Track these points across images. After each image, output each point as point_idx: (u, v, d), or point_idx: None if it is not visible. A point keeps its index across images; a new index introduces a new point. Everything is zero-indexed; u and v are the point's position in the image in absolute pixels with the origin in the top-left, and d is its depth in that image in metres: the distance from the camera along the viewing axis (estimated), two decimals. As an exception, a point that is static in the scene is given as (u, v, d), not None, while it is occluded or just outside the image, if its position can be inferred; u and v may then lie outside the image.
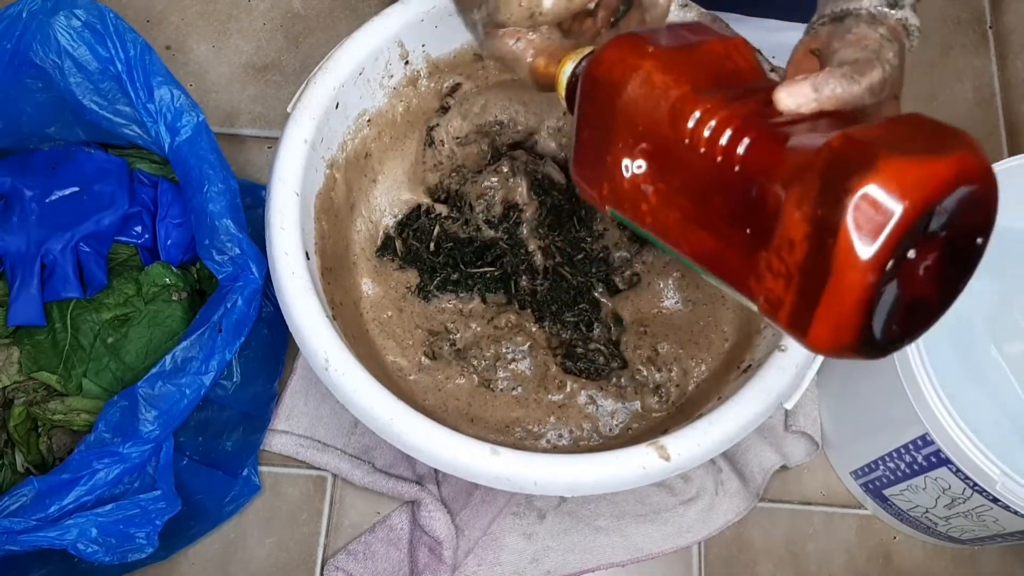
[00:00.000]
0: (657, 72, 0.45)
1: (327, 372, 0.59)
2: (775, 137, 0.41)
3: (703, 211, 0.45)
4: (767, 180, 0.40)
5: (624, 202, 0.48)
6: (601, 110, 0.47)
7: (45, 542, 0.61)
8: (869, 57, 0.44)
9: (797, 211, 0.37)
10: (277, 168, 0.65)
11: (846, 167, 0.36)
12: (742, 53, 0.48)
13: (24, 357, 0.76)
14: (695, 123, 0.43)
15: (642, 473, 0.57)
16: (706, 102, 0.44)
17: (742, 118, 0.42)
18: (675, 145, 0.44)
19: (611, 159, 0.47)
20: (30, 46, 0.69)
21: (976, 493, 0.68)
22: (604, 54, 0.47)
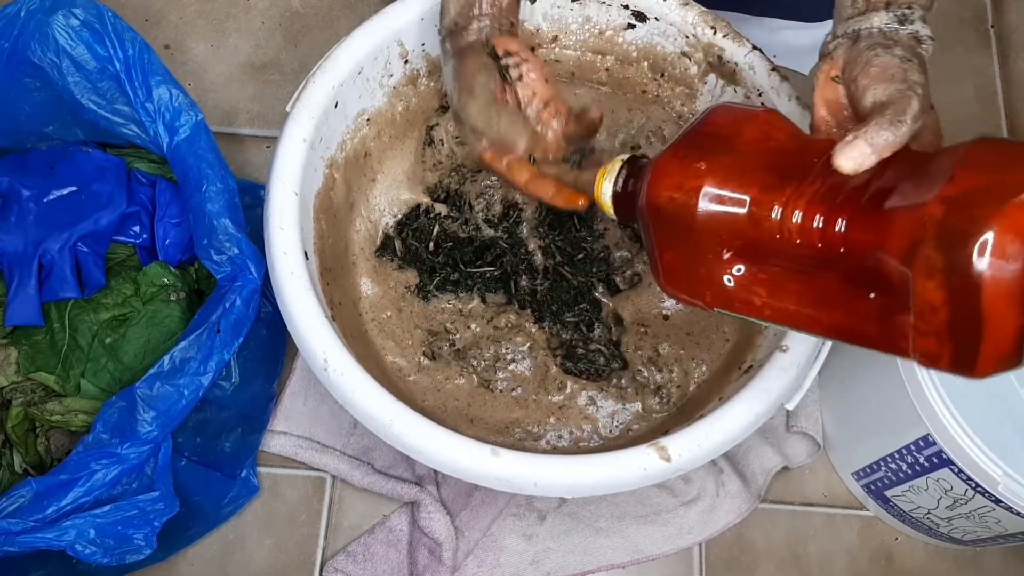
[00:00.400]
0: (720, 185, 0.46)
1: (326, 372, 0.59)
2: (867, 209, 0.42)
3: (819, 290, 0.46)
4: (879, 254, 0.41)
5: (734, 303, 0.49)
6: (678, 233, 0.48)
7: (43, 543, 0.61)
8: (902, 90, 0.46)
9: (929, 282, 0.39)
10: (276, 167, 0.65)
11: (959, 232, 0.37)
12: (775, 125, 0.49)
13: (22, 357, 0.76)
14: (780, 219, 0.45)
15: (643, 474, 0.57)
16: (779, 196, 0.45)
17: (822, 199, 0.44)
18: (768, 243, 0.46)
19: (705, 272, 0.48)
20: (28, 45, 0.69)
21: (978, 494, 0.67)
22: (659, 182, 0.48)
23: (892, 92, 0.46)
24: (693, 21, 0.73)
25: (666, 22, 0.74)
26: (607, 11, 0.75)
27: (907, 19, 0.50)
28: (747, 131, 0.48)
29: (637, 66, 0.78)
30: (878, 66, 0.48)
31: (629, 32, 0.76)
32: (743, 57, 0.71)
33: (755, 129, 0.48)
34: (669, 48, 0.75)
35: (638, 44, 0.76)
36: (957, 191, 0.39)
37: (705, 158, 0.47)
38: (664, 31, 0.74)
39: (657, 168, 0.49)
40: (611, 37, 0.77)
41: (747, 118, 0.49)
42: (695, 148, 0.48)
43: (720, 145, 0.48)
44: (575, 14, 0.76)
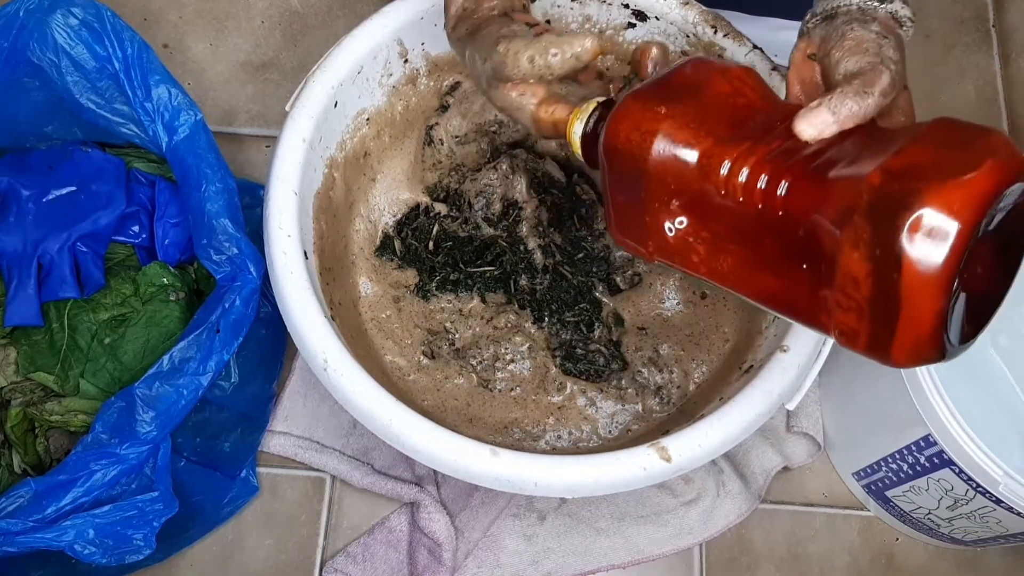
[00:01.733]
0: (675, 132, 0.45)
1: (326, 372, 0.59)
2: (811, 175, 0.41)
3: (755, 254, 0.45)
4: (814, 221, 0.40)
5: (674, 256, 0.49)
6: (629, 176, 0.47)
7: (42, 543, 0.61)
8: (874, 63, 0.45)
9: (855, 252, 0.38)
10: (275, 167, 0.64)
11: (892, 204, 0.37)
12: (748, 83, 0.48)
13: (21, 357, 0.76)
14: (727, 174, 0.44)
15: (643, 474, 0.57)
16: (731, 151, 0.44)
17: (772, 160, 0.43)
18: (712, 197, 0.45)
19: (650, 219, 0.48)
20: (27, 44, 0.69)
21: (979, 494, 0.67)
22: (617, 123, 0.47)
23: (863, 64, 0.45)
24: (694, 20, 0.73)
25: (666, 21, 0.74)
26: (607, 10, 0.75)
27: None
28: (717, 84, 0.47)
29: (637, 66, 0.78)
30: (852, 39, 0.47)
31: (630, 31, 0.76)
32: (743, 57, 0.71)
33: (725, 84, 0.47)
34: (669, 48, 0.75)
35: (638, 44, 0.76)
36: (901, 163, 0.38)
37: (667, 103, 0.46)
38: (665, 30, 0.74)
39: (618, 109, 0.48)
40: (611, 36, 0.77)
41: (721, 72, 0.48)
42: (660, 94, 0.47)
43: (686, 94, 0.47)
44: (575, 13, 0.75)
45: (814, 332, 0.59)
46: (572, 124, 0.52)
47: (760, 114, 0.46)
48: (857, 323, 0.40)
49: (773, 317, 0.67)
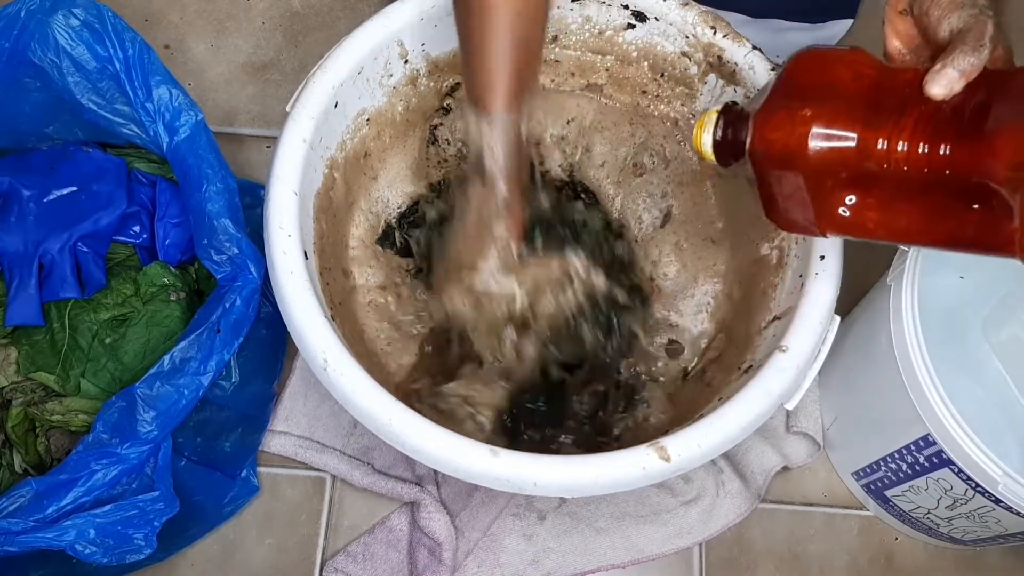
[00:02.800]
0: (826, 128, 0.49)
1: (326, 372, 0.59)
2: (967, 133, 0.46)
3: (928, 209, 0.50)
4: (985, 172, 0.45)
5: (848, 229, 0.54)
6: (789, 175, 0.52)
7: (43, 543, 0.61)
8: (975, 15, 0.49)
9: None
10: (276, 167, 0.64)
11: None
12: (862, 62, 0.52)
13: (22, 357, 0.76)
14: (886, 151, 0.49)
15: (642, 474, 0.57)
16: (882, 129, 0.49)
17: (923, 127, 0.48)
18: (877, 173, 0.50)
19: (818, 205, 0.53)
20: (28, 45, 0.69)
21: (978, 494, 0.67)
22: (768, 133, 0.52)
23: (967, 19, 0.49)
24: (693, 21, 0.73)
25: (666, 22, 0.74)
26: (607, 11, 0.75)
27: None
28: (840, 72, 0.51)
29: (637, 66, 0.78)
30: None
31: (629, 32, 0.76)
32: (743, 57, 0.71)
33: (846, 69, 0.51)
34: (669, 48, 0.75)
35: (638, 44, 0.76)
36: None
37: (808, 104, 0.50)
38: (664, 31, 0.74)
39: (762, 119, 0.52)
40: (611, 37, 0.77)
41: (837, 59, 0.52)
42: (795, 96, 0.51)
43: (817, 90, 0.51)
44: (575, 14, 0.76)
45: (814, 332, 0.62)
46: (699, 136, 0.57)
47: (886, 86, 0.50)
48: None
49: (772, 317, 0.68)
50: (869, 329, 0.75)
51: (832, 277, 0.64)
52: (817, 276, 0.64)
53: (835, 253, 0.64)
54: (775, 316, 0.67)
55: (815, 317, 0.62)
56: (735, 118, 0.56)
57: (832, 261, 0.64)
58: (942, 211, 0.49)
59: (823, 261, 0.64)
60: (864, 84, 0.51)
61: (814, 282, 0.64)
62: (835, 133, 0.49)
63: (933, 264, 0.71)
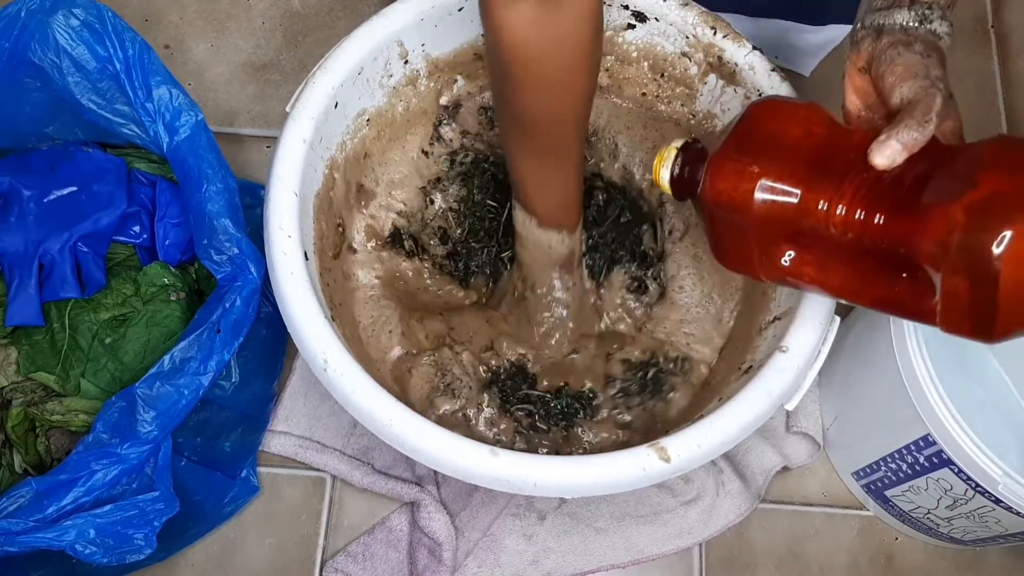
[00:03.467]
0: (770, 186, 0.52)
1: (326, 373, 0.59)
2: (902, 206, 0.48)
3: (860, 271, 0.52)
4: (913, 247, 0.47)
5: (785, 279, 0.56)
6: (734, 224, 0.54)
7: (43, 543, 0.61)
8: (926, 87, 0.50)
9: (954, 277, 0.45)
10: (276, 168, 0.64)
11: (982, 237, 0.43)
12: (815, 120, 0.54)
13: (22, 357, 0.76)
14: (826, 212, 0.51)
15: (642, 474, 0.57)
16: (824, 191, 0.51)
17: (862, 195, 0.50)
18: (816, 232, 0.52)
19: (759, 255, 0.55)
20: (28, 45, 0.69)
21: (978, 494, 0.67)
22: (716, 184, 0.54)
23: (917, 90, 0.51)
24: (693, 21, 0.73)
25: (666, 22, 0.74)
26: (607, 11, 0.75)
27: (927, 19, 0.54)
28: (790, 129, 0.54)
29: (637, 66, 0.78)
30: (901, 64, 0.52)
31: (629, 32, 0.76)
32: (743, 57, 0.71)
33: (797, 127, 0.54)
34: (669, 48, 0.75)
35: (638, 44, 0.76)
36: (978, 197, 0.44)
37: (756, 161, 0.53)
38: (664, 31, 0.74)
39: (713, 169, 0.54)
40: (611, 37, 0.77)
41: (789, 115, 0.54)
42: (746, 150, 0.54)
43: (767, 145, 0.53)
44: (575, 14, 0.76)
45: (814, 333, 0.62)
46: (658, 170, 0.60)
47: (834, 147, 0.53)
48: (960, 322, 0.47)
49: (772, 318, 0.68)
50: (869, 330, 0.75)
51: (832, 277, 0.64)
52: (817, 276, 0.64)
53: (835, 253, 0.65)
54: (775, 316, 0.67)
55: (815, 318, 0.62)
56: (693, 157, 0.59)
57: (832, 261, 0.64)
58: (873, 276, 0.52)
59: (823, 261, 0.64)
60: (813, 143, 0.53)
61: (814, 282, 0.64)
62: (779, 191, 0.52)
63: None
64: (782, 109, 0.55)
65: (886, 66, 0.53)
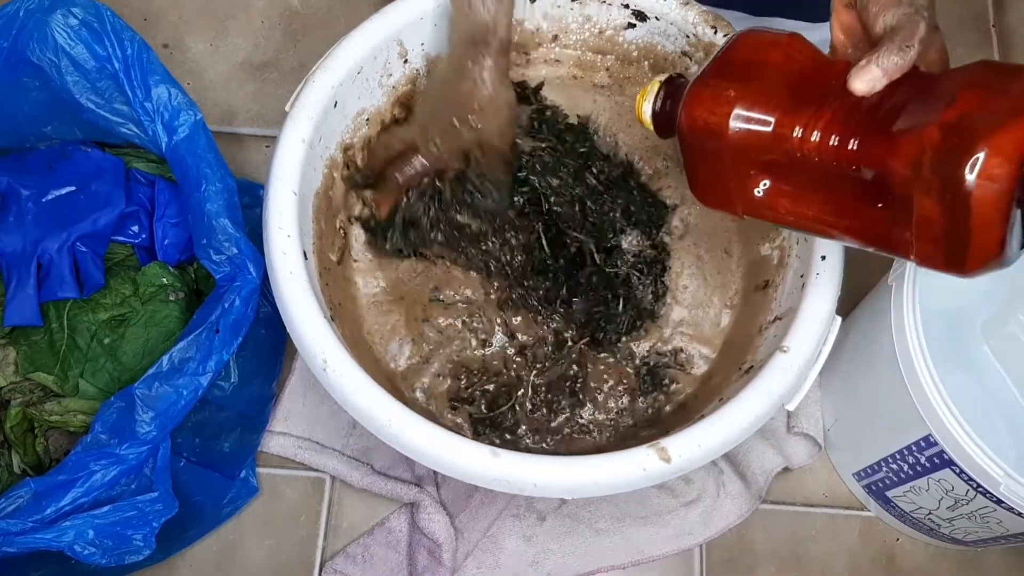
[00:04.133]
0: (746, 110, 0.51)
1: (325, 373, 0.59)
2: (877, 130, 0.47)
3: (835, 200, 0.51)
4: (886, 171, 0.46)
5: (761, 212, 0.55)
6: (710, 152, 0.53)
7: (42, 544, 0.61)
8: (909, 14, 0.49)
9: (927, 199, 0.44)
10: (275, 168, 0.64)
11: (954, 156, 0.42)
12: (797, 48, 0.53)
13: (21, 358, 0.75)
14: (800, 138, 0.50)
15: (643, 475, 0.57)
16: (800, 117, 0.50)
17: (838, 120, 0.49)
18: (791, 159, 0.51)
19: (735, 185, 0.54)
20: (27, 44, 0.69)
21: (979, 495, 0.67)
22: (692, 109, 0.53)
23: (900, 16, 0.49)
24: (694, 20, 0.72)
25: (667, 21, 0.73)
26: (607, 10, 0.75)
27: None
28: (772, 56, 0.53)
29: (638, 66, 0.78)
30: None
31: (629, 31, 0.76)
32: (744, 56, 0.71)
33: (779, 54, 0.53)
34: (670, 48, 0.75)
35: (638, 44, 0.76)
36: (954, 116, 0.43)
37: (734, 85, 0.51)
38: (665, 30, 0.74)
39: (690, 96, 0.53)
40: (611, 36, 0.76)
41: (773, 43, 0.53)
42: (724, 75, 0.53)
43: (747, 71, 0.52)
44: (575, 13, 0.75)
45: (814, 333, 0.62)
46: (640, 105, 0.59)
47: (814, 75, 0.52)
48: (934, 251, 0.46)
49: (773, 317, 0.67)
50: (870, 330, 0.75)
51: (833, 277, 0.64)
52: (818, 276, 0.64)
53: (836, 253, 0.64)
54: (776, 316, 0.67)
55: (816, 317, 0.62)
56: (675, 90, 0.58)
57: (833, 261, 0.64)
58: (849, 206, 0.50)
59: (824, 261, 0.64)
60: (793, 70, 0.52)
61: (815, 282, 0.64)
62: (755, 116, 0.51)
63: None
64: (765, 37, 0.54)
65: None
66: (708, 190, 0.56)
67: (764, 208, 0.54)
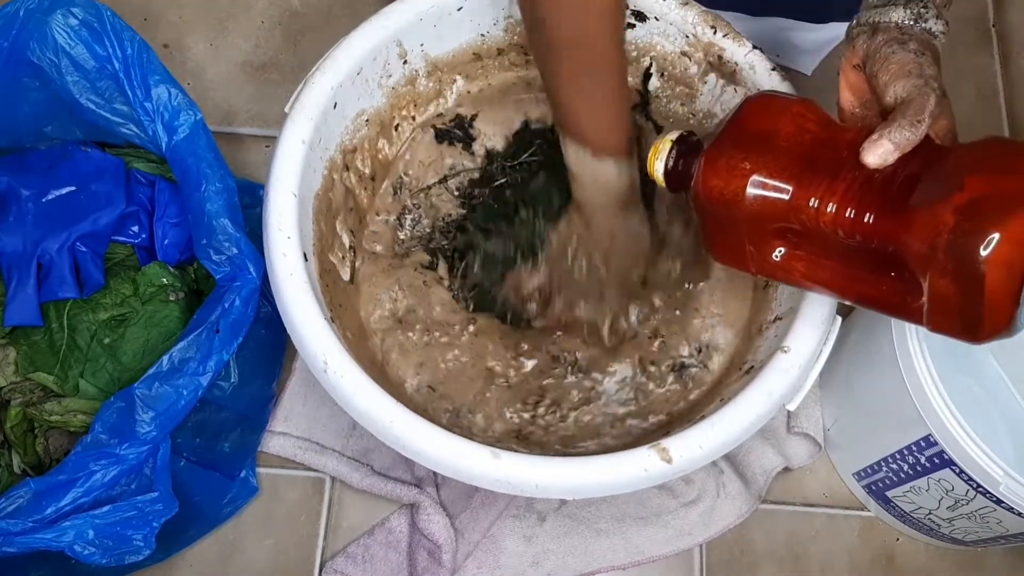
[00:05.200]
0: (761, 183, 0.52)
1: (326, 375, 0.59)
2: (892, 206, 0.49)
3: (850, 267, 0.53)
4: (901, 247, 0.48)
5: (776, 274, 0.57)
6: (726, 220, 0.55)
7: (42, 544, 0.61)
8: (919, 86, 0.50)
9: (942, 279, 0.46)
10: (275, 169, 0.64)
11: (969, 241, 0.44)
12: (809, 117, 0.54)
13: (21, 358, 0.75)
14: (816, 210, 0.51)
15: (644, 475, 0.57)
16: (815, 189, 0.51)
17: (853, 193, 0.50)
18: (806, 228, 0.52)
19: (752, 249, 0.56)
20: (27, 44, 0.69)
21: (979, 495, 0.67)
22: (708, 180, 0.54)
23: (911, 89, 0.50)
24: (693, 21, 0.72)
25: (666, 21, 0.73)
26: (607, 10, 0.74)
27: (922, 17, 0.55)
28: (784, 124, 0.53)
29: (637, 65, 0.78)
30: (896, 63, 0.52)
31: (629, 31, 0.76)
32: (743, 57, 0.71)
33: (791, 122, 0.54)
34: (669, 47, 0.75)
35: (638, 43, 0.76)
36: (966, 199, 0.45)
37: (748, 157, 0.53)
38: (664, 31, 0.74)
39: (705, 166, 0.54)
40: (611, 36, 0.76)
41: (783, 110, 0.54)
42: (739, 145, 0.54)
43: (760, 141, 0.53)
44: (575, 13, 0.75)
45: (815, 333, 0.62)
46: (652, 163, 0.60)
47: (827, 143, 0.53)
48: (947, 323, 0.48)
49: (774, 317, 0.67)
50: (870, 330, 0.75)
51: (834, 277, 0.64)
52: (819, 276, 0.64)
53: (837, 253, 0.64)
54: (777, 316, 0.67)
55: (817, 317, 0.62)
56: (688, 150, 0.59)
57: (834, 261, 0.64)
58: (863, 274, 0.52)
59: (825, 261, 0.64)
60: (806, 140, 0.53)
61: (816, 282, 0.64)
62: (771, 187, 0.52)
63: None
64: (776, 104, 0.55)
65: (880, 64, 0.53)
66: (723, 251, 0.58)
67: (779, 271, 0.56)
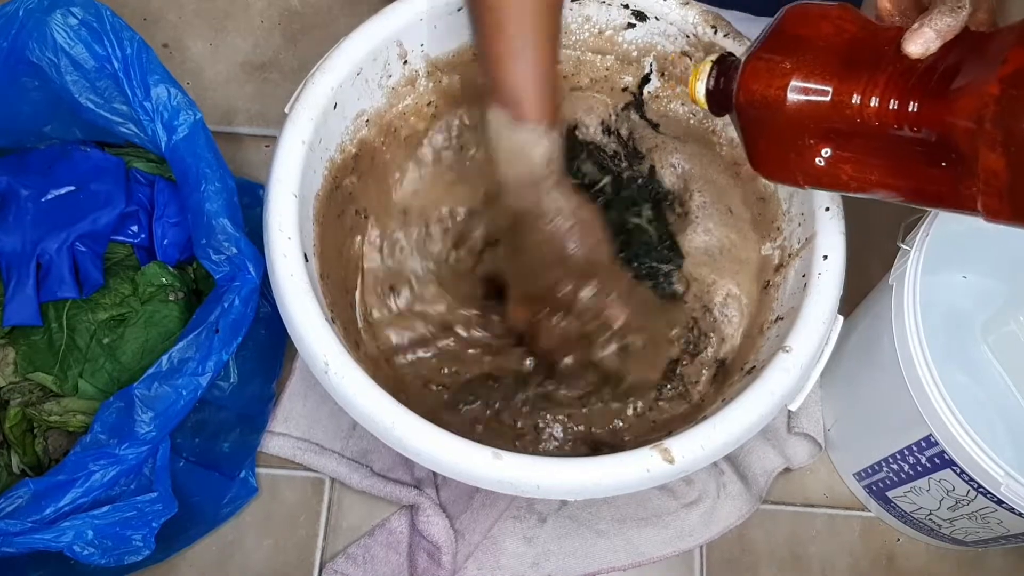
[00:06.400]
0: (803, 81, 0.52)
1: (327, 376, 0.59)
2: (936, 91, 0.48)
3: (898, 163, 0.52)
4: (948, 130, 0.47)
5: (823, 181, 0.55)
6: (769, 126, 0.54)
7: (41, 544, 0.60)
8: None
9: (992, 153, 0.45)
10: (275, 169, 0.64)
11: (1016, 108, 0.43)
12: (846, 18, 0.54)
13: (20, 358, 0.75)
14: (859, 106, 0.51)
15: (646, 476, 0.57)
16: (857, 84, 0.51)
17: (895, 84, 0.50)
18: (851, 126, 0.52)
19: (796, 156, 0.55)
20: (26, 44, 0.69)
21: (980, 495, 0.67)
22: (750, 84, 0.54)
23: None
24: (693, 20, 0.72)
25: (666, 21, 0.73)
26: (607, 10, 0.74)
27: None
28: (823, 28, 0.53)
29: (638, 66, 0.78)
30: None
31: (629, 32, 0.76)
32: (744, 57, 0.71)
33: (830, 25, 0.53)
34: (670, 48, 0.75)
35: (638, 44, 0.76)
36: (1011, 70, 0.44)
37: (789, 58, 0.52)
38: (664, 31, 0.74)
39: (746, 71, 0.54)
40: (611, 37, 0.76)
41: (822, 15, 0.54)
42: (778, 49, 0.54)
43: (800, 44, 0.53)
44: (575, 14, 0.75)
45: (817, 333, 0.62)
46: (694, 85, 0.60)
47: (866, 42, 0.52)
48: (1000, 204, 0.47)
49: (775, 317, 0.67)
50: (871, 330, 0.75)
51: (835, 277, 0.64)
52: (820, 276, 0.64)
53: (838, 252, 0.64)
54: (778, 316, 0.67)
55: (818, 317, 0.62)
56: (728, 68, 0.59)
57: (835, 261, 0.64)
58: (912, 167, 0.51)
59: (826, 261, 0.64)
60: (845, 39, 0.53)
61: (817, 282, 0.64)
62: (812, 87, 0.52)
63: (935, 264, 0.71)
64: (814, 10, 0.55)
65: None
66: (769, 163, 0.57)
67: (826, 176, 0.55)
